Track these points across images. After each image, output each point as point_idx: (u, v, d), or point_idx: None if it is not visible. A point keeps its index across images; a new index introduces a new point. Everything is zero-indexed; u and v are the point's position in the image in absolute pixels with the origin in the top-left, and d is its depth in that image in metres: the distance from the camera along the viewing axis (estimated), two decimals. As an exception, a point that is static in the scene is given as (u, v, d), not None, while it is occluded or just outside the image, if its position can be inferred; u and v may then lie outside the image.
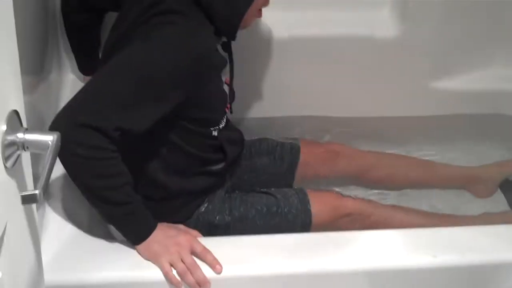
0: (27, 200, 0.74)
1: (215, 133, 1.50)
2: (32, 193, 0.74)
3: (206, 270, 1.30)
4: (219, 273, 1.29)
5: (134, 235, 1.32)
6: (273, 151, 1.75)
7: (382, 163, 1.88)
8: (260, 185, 1.68)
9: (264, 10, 1.57)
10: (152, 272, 1.30)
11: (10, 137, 0.75)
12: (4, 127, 0.74)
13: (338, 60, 1.92)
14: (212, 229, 1.51)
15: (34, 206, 0.88)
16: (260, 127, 1.99)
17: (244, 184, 1.69)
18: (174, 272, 1.29)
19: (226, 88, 1.54)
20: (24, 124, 0.80)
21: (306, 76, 1.93)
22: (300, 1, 1.89)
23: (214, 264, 1.29)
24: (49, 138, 0.78)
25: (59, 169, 1.23)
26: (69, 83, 1.78)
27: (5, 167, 0.75)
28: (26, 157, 0.84)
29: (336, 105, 2.00)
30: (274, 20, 1.83)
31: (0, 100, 0.74)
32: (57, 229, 1.37)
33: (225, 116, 1.55)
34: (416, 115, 2.03)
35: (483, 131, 2.06)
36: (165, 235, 1.32)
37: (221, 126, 1.51)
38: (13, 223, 0.80)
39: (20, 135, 0.77)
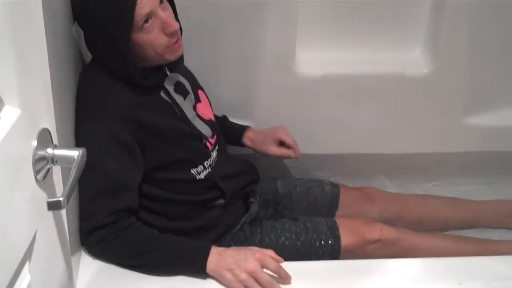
0: (52, 206, 0.83)
1: (201, 176, 1.49)
2: (57, 200, 0.82)
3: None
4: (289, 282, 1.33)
5: (194, 268, 1.34)
6: (312, 194, 1.80)
7: (415, 205, 1.90)
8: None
9: (300, 49, 1.62)
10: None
11: (41, 152, 0.84)
12: (35, 143, 0.83)
13: (371, 97, 1.96)
14: None
15: (64, 215, 0.96)
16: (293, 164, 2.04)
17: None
18: None
19: (200, 124, 1.52)
20: (55, 141, 0.89)
21: (339, 113, 1.97)
22: (335, 42, 1.93)
23: (287, 278, 1.32)
24: (75, 153, 0.86)
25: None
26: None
27: (36, 179, 0.84)
28: (57, 170, 0.93)
29: (368, 142, 2.03)
30: (310, 59, 1.89)
31: (32, 119, 0.84)
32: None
33: (211, 153, 1.54)
34: (446, 152, 2.05)
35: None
36: (234, 261, 1.32)
37: (206, 164, 1.51)
38: (43, 231, 0.88)
39: (49, 151, 0.86)
